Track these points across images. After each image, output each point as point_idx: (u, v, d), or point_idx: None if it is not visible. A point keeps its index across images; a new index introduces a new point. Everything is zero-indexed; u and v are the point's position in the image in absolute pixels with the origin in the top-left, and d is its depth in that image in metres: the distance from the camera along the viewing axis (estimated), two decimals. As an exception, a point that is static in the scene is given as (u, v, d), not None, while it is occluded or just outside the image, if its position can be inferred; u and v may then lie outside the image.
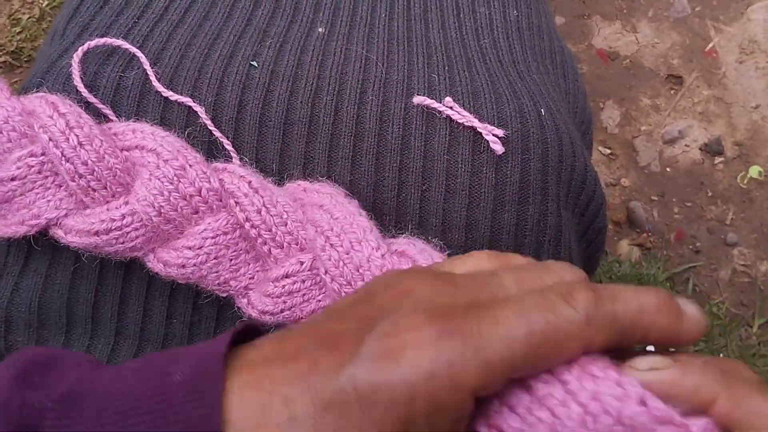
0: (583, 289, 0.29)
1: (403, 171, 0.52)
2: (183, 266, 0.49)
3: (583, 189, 0.59)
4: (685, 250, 1.66)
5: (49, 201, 0.51)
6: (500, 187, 0.52)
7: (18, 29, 1.78)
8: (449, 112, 0.53)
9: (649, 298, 0.30)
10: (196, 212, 0.49)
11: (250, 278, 0.50)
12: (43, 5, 1.82)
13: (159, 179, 0.48)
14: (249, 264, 0.50)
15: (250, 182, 0.49)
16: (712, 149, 1.76)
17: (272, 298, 0.49)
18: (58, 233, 0.51)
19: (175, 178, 0.48)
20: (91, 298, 0.53)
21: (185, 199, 0.48)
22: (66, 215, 0.51)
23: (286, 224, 0.49)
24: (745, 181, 1.73)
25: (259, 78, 0.55)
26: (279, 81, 0.55)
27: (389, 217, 0.52)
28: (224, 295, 0.50)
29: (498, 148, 0.52)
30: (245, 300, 0.50)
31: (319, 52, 0.58)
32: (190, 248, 0.49)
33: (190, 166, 0.48)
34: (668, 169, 1.75)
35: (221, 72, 0.55)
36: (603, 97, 1.83)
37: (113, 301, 0.53)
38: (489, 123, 0.53)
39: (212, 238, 0.49)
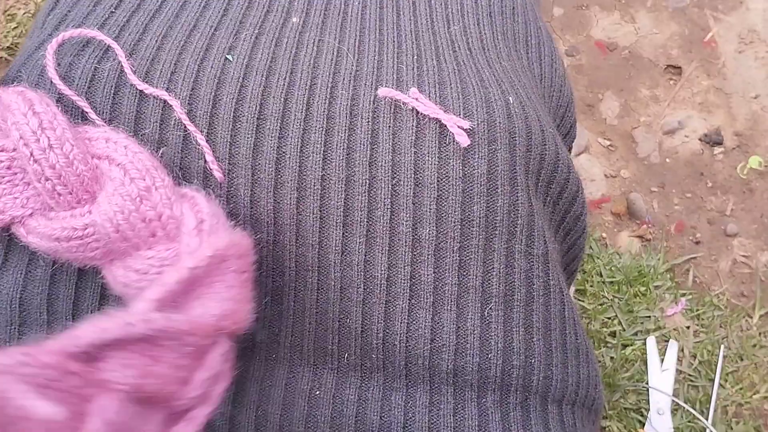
0: None
1: (373, 166, 0.52)
2: (126, 285, 0.48)
3: (554, 177, 0.59)
4: (685, 241, 1.65)
5: (16, 198, 0.51)
6: (468, 179, 0.52)
7: (13, 24, 1.79)
8: (415, 103, 0.53)
9: None
10: (153, 236, 0.48)
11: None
12: (39, 0, 1.83)
13: (122, 196, 0.47)
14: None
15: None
16: (712, 140, 1.75)
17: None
18: (19, 231, 0.51)
19: (138, 199, 0.47)
20: (72, 294, 0.53)
21: (144, 222, 0.47)
22: (31, 215, 0.51)
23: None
24: (745, 172, 1.72)
25: (234, 72, 0.55)
26: (253, 75, 0.55)
27: (360, 213, 0.53)
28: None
29: (463, 140, 0.52)
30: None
31: (293, 44, 0.58)
32: (136, 271, 0.48)
33: (156, 188, 0.48)
34: (668, 160, 1.74)
35: (197, 66, 0.55)
36: (602, 88, 1.82)
37: (93, 297, 0.54)
38: (455, 114, 0.53)
39: (157, 267, 0.48)
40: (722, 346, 1.51)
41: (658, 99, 1.81)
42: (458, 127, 0.52)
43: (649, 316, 1.54)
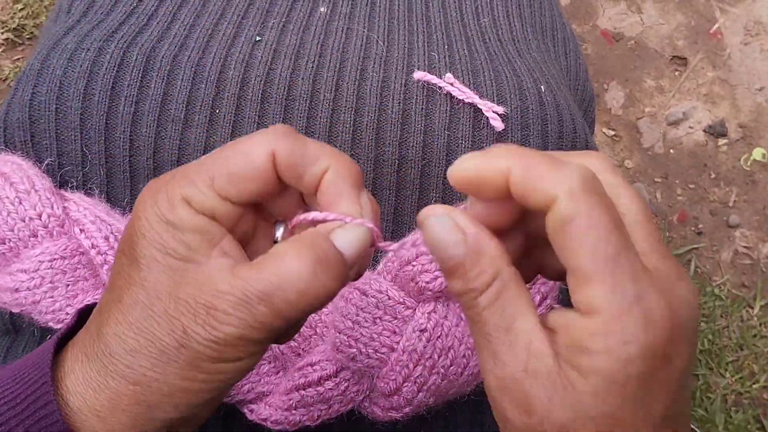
0: (280, 125, 0.35)
1: (403, 146, 0.53)
2: (16, 290, 0.48)
3: None
4: (687, 231, 1.66)
5: None
6: None
7: (20, 6, 1.78)
8: (449, 88, 0.53)
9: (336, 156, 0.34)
10: (35, 235, 0.49)
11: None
12: (46, -16, 1.82)
13: (0, 199, 0.49)
14: (88, 291, 0.50)
15: (96, 211, 0.50)
16: (716, 131, 1.76)
17: None
18: None
19: (17, 200, 0.48)
20: None
21: (24, 221, 0.48)
22: None
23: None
24: (749, 163, 1.73)
25: (262, 56, 0.55)
26: (281, 59, 0.55)
27: (389, 191, 0.53)
28: (59, 326, 0.49)
29: (498, 124, 0.52)
30: None
31: (321, 32, 0.59)
32: (24, 271, 0.48)
33: (36, 191, 0.49)
34: (672, 151, 1.75)
35: (225, 51, 0.55)
36: (607, 78, 1.83)
37: None
38: (489, 100, 0.54)
39: (48, 261, 0.48)
40: (724, 338, 1.52)
41: (663, 90, 1.81)
42: (493, 112, 0.52)
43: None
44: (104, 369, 0.32)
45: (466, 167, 0.32)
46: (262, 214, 0.37)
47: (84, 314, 0.37)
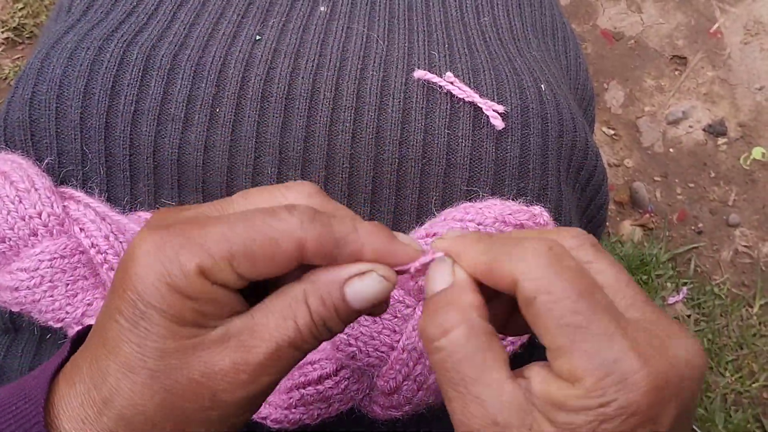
0: (305, 206, 0.33)
1: (403, 145, 0.53)
2: (16, 289, 0.48)
3: (584, 164, 0.59)
4: (687, 230, 1.66)
5: None
6: (500, 162, 0.53)
7: (20, 5, 1.78)
8: (450, 87, 0.53)
9: (363, 222, 0.34)
10: (35, 234, 0.49)
11: (87, 305, 0.49)
12: (46, -17, 1.82)
13: (0, 198, 0.49)
14: (88, 290, 0.49)
15: (96, 210, 0.50)
16: (716, 130, 1.76)
17: None
18: None
19: (17, 199, 0.48)
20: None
21: (23, 220, 0.48)
22: None
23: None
24: (748, 162, 1.73)
25: (262, 55, 0.55)
26: (281, 58, 0.55)
27: (389, 190, 0.53)
28: (58, 325, 0.49)
29: (498, 123, 0.52)
30: (80, 328, 0.49)
31: (320, 31, 0.59)
32: (24, 270, 0.48)
33: (35, 189, 0.49)
34: (671, 150, 1.75)
35: (225, 50, 0.55)
36: (607, 78, 1.83)
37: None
38: (489, 99, 0.54)
39: (48, 260, 0.48)
40: (723, 336, 1.52)
41: (663, 89, 1.82)
42: (493, 111, 0.52)
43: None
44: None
45: (438, 245, 0.35)
46: None
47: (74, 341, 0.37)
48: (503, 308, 0.37)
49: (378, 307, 0.36)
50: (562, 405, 0.29)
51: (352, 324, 0.47)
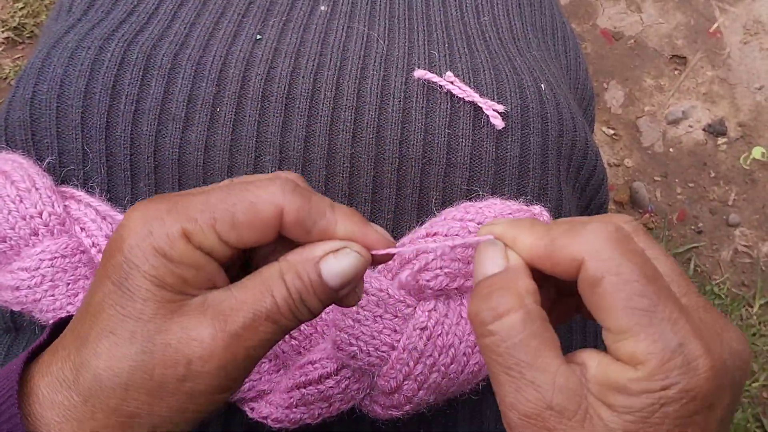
0: (286, 177, 0.35)
1: (403, 144, 0.53)
2: (17, 288, 0.48)
3: (583, 164, 0.59)
4: (687, 230, 1.66)
5: None
6: (500, 162, 0.53)
7: (20, 5, 1.78)
8: (450, 86, 0.53)
9: (340, 204, 0.35)
10: (36, 234, 0.49)
11: None
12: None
13: (1, 197, 0.49)
14: (87, 290, 0.49)
15: (97, 209, 0.50)
16: (716, 130, 1.76)
17: None
18: None
19: (17, 198, 0.49)
20: None
21: (24, 219, 0.48)
22: None
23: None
24: (748, 162, 1.73)
25: (263, 55, 0.55)
26: (282, 57, 0.55)
27: (389, 190, 0.53)
28: None
29: (498, 122, 0.52)
30: None
31: (321, 30, 0.59)
32: (25, 269, 0.48)
33: (36, 189, 0.49)
34: (671, 150, 1.75)
35: (225, 49, 0.55)
36: (607, 77, 1.83)
37: None
38: (489, 98, 0.54)
39: (49, 260, 0.48)
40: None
41: (663, 89, 1.82)
42: (493, 110, 0.52)
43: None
44: (91, 400, 0.31)
45: (490, 230, 0.34)
46: None
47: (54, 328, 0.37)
48: (546, 298, 0.37)
49: (351, 296, 0.36)
50: (622, 388, 0.29)
51: (352, 324, 0.47)
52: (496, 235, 0.34)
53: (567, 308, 0.38)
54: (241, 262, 0.38)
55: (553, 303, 0.37)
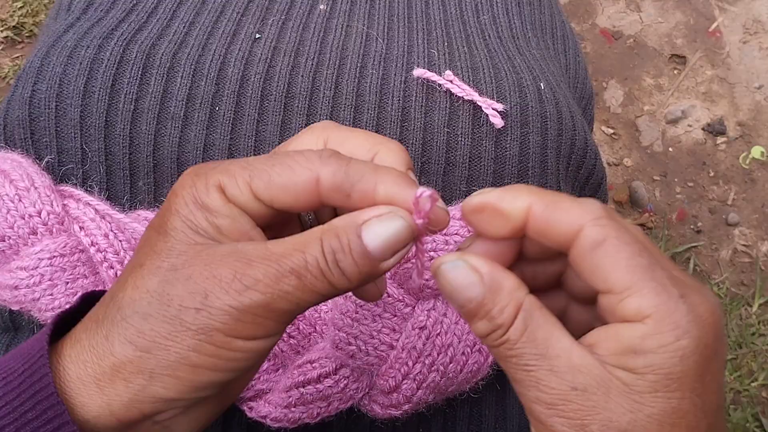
0: (327, 148, 0.35)
1: (402, 143, 0.53)
2: (16, 287, 0.48)
3: (583, 163, 0.59)
4: (686, 229, 1.66)
5: None
6: (500, 161, 0.53)
7: (19, 4, 1.78)
8: (449, 85, 0.53)
9: (383, 166, 0.34)
10: (35, 233, 0.49)
11: None
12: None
13: (0, 197, 0.49)
14: (87, 289, 0.49)
15: (96, 208, 0.50)
16: (715, 129, 1.76)
17: None
18: None
19: (16, 197, 0.49)
20: None
21: (23, 218, 0.48)
22: None
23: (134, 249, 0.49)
24: (747, 162, 1.73)
25: (262, 53, 0.55)
26: (281, 56, 0.55)
27: None
28: None
29: (497, 121, 0.52)
30: None
31: (320, 29, 0.59)
32: (24, 268, 0.48)
33: (35, 188, 0.49)
34: (671, 149, 1.75)
35: (224, 49, 0.55)
36: (606, 77, 1.83)
37: None
38: (488, 97, 0.54)
39: (48, 259, 0.48)
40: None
41: (662, 88, 1.82)
42: (492, 109, 0.52)
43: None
44: (112, 333, 0.32)
45: (485, 198, 0.33)
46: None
47: (89, 300, 0.37)
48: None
49: (372, 289, 0.36)
50: (638, 349, 0.30)
51: (351, 323, 0.47)
52: (491, 201, 0.33)
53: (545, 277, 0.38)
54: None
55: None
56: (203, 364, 0.32)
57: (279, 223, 0.38)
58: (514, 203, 0.32)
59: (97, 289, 0.50)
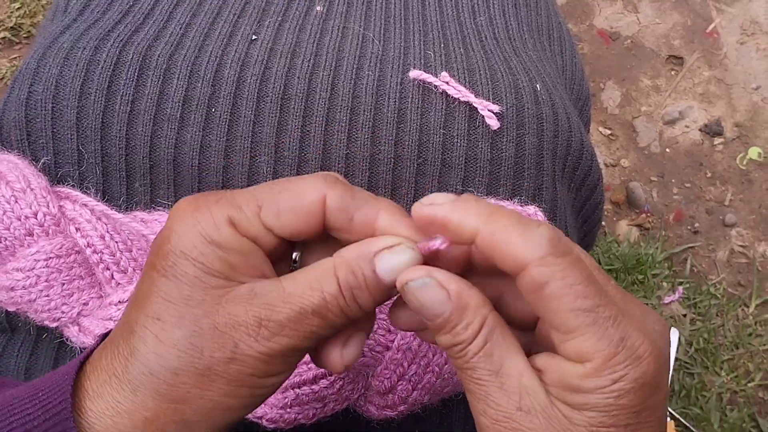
0: (331, 173, 0.36)
1: (398, 145, 0.53)
2: (12, 288, 0.48)
3: (579, 164, 0.60)
4: (683, 230, 1.67)
5: None
6: (495, 162, 0.53)
7: (17, 5, 1.78)
8: (445, 87, 0.53)
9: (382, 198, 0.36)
10: (31, 234, 0.49)
11: (83, 304, 0.50)
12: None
13: None
14: (83, 290, 0.50)
15: (92, 210, 0.50)
16: (712, 130, 1.76)
17: (113, 321, 0.49)
18: None
19: (12, 199, 0.49)
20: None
21: (19, 220, 0.48)
22: None
23: (131, 251, 0.49)
24: (745, 162, 1.73)
25: (258, 55, 0.55)
26: (277, 58, 0.55)
27: (384, 190, 0.53)
28: (54, 324, 0.50)
29: (493, 123, 0.52)
30: (76, 328, 0.50)
31: (317, 30, 0.59)
32: (20, 270, 0.48)
33: (31, 189, 0.49)
34: (668, 150, 1.75)
35: (221, 50, 0.55)
36: (603, 78, 1.83)
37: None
38: (484, 98, 0.54)
39: (44, 260, 0.48)
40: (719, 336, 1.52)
41: (660, 89, 1.82)
42: (488, 110, 0.52)
43: (647, 305, 1.55)
44: (140, 389, 0.32)
45: (434, 211, 0.33)
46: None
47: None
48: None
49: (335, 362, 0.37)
50: (576, 388, 0.31)
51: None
52: (439, 217, 0.33)
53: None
54: (289, 265, 0.38)
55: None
56: (237, 405, 0.33)
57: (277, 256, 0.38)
58: (461, 226, 0.33)
59: (92, 291, 0.50)
